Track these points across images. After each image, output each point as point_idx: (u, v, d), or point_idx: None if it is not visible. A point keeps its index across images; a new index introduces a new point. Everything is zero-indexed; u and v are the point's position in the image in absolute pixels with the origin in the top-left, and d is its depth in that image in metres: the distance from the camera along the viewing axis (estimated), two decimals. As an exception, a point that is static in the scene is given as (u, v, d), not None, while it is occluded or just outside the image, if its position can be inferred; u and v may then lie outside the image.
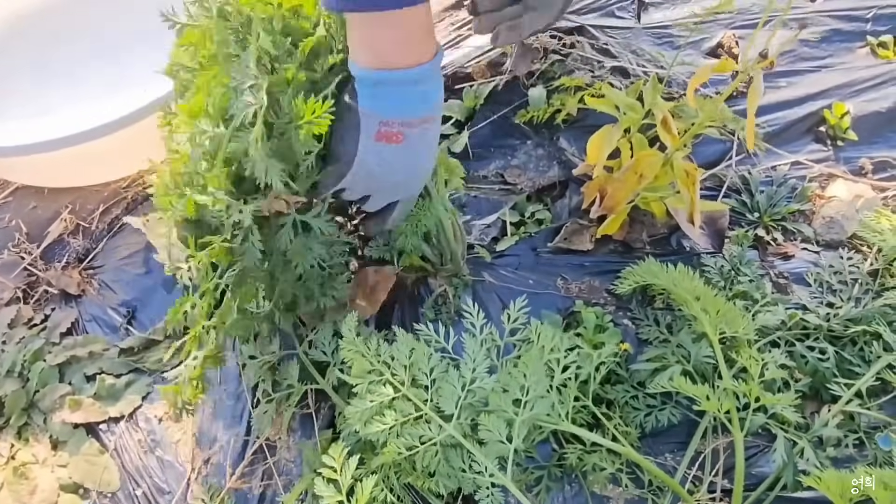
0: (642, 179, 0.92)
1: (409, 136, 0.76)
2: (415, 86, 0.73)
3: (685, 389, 0.80)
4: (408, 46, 0.72)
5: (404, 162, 0.79)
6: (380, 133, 0.75)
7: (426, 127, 0.77)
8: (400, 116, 0.74)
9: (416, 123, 0.75)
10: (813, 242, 1.07)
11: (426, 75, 0.73)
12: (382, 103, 0.74)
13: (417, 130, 0.76)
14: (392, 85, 0.73)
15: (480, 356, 0.80)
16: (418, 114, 0.75)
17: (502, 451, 0.75)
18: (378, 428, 0.75)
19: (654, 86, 0.94)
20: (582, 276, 1.04)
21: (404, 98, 0.74)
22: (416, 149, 0.78)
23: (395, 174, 0.80)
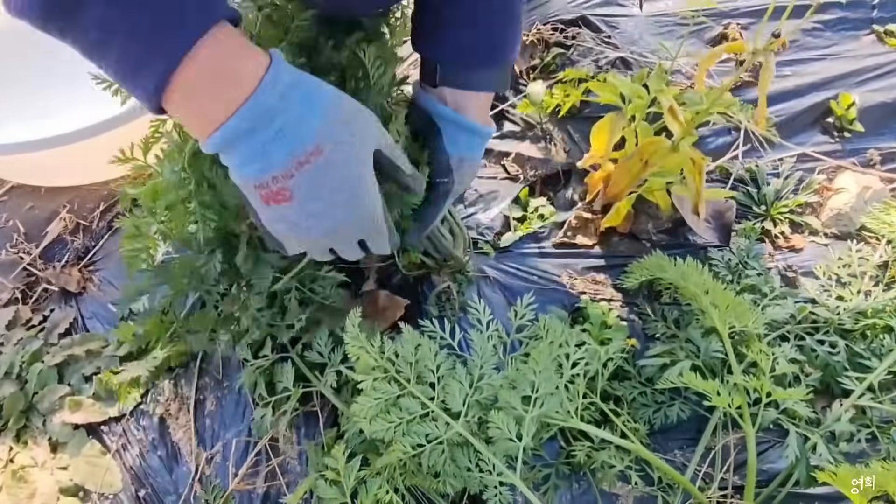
0: (648, 166, 0.91)
1: (294, 186, 0.60)
2: (257, 134, 0.57)
3: (695, 385, 0.79)
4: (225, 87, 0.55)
5: (313, 213, 0.63)
6: (263, 197, 0.61)
7: (309, 167, 0.59)
8: (265, 173, 0.59)
9: (292, 170, 0.59)
10: (821, 235, 1.05)
11: (263, 110, 0.56)
12: (240, 169, 0.59)
13: (298, 177, 0.59)
14: (229, 145, 0.57)
15: (488, 352, 0.78)
16: (285, 161, 0.58)
17: (511, 449, 0.73)
18: (383, 426, 0.74)
19: (659, 73, 0.92)
20: (587, 270, 1.03)
21: (255, 152, 0.57)
22: (313, 194, 0.61)
23: (318, 227, 0.64)
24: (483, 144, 0.86)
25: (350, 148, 0.62)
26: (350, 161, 0.63)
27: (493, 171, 1.13)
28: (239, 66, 0.55)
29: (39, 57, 1.41)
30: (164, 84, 0.52)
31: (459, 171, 0.84)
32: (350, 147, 0.62)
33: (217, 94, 0.55)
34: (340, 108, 0.62)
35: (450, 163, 0.83)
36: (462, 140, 0.82)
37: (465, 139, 0.82)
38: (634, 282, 0.97)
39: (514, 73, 1.25)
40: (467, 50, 0.78)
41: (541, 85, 1.19)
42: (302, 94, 0.59)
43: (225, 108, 0.55)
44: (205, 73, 0.53)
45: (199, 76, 0.53)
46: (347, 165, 0.62)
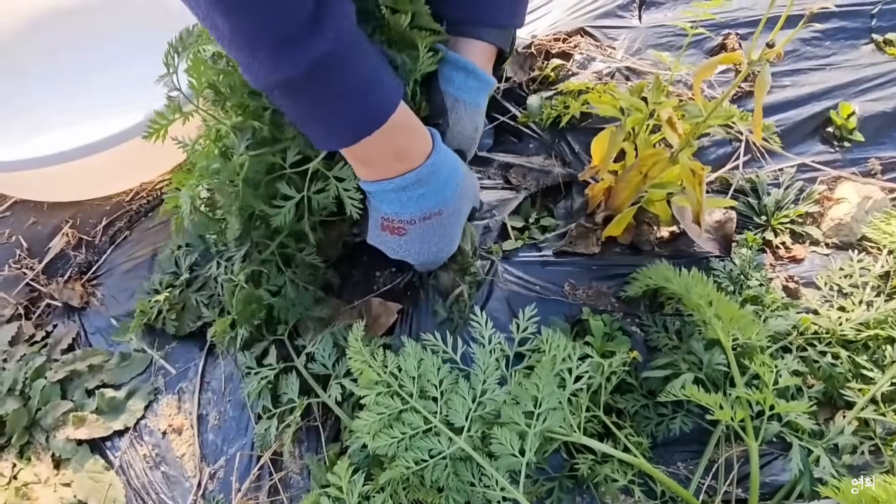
0: (647, 179, 0.91)
1: (412, 231, 0.81)
2: (406, 191, 0.77)
3: (698, 398, 0.79)
4: (398, 158, 0.75)
5: (409, 250, 0.84)
6: (383, 225, 0.82)
7: (428, 223, 0.81)
8: (396, 215, 0.80)
9: (417, 221, 0.80)
10: (822, 245, 1.05)
11: (416, 180, 0.76)
12: (377, 202, 0.80)
13: (418, 227, 0.81)
14: (384, 193, 0.78)
15: (491, 367, 0.78)
16: (415, 214, 0.79)
17: (514, 465, 0.73)
18: (386, 441, 0.74)
19: (657, 85, 0.92)
20: (589, 280, 1.03)
21: (398, 202, 0.78)
22: (419, 241, 0.83)
23: (405, 257, 0.86)
24: (482, 91, 0.87)
25: (458, 214, 0.85)
26: (455, 223, 0.85)
27: (494, 182, 1.13)
28: (410, 146, 0.75)
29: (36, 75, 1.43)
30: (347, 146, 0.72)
31: (454, 112, 0.86)
32: (459, 213, 0.85)
33: (389, 164, 0.75)
34: (464, 183, 0.83)
35: (444, 103, 0.85)
36: (458, 79, 0.84)
37: (460, 79, 0.84)
38: (637, 290, 0.97)
39: (514, 41, 1.24)
40: (474, 6, 0.83)
41: (539, 98, 1.19)
42: (446, 173, 0.79)
43: (391, 172, 0.76)
44: (384, 149, 0.73)
45: (379, 149, 0.73)
46: (452, 226, 0.85)
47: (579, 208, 1.11)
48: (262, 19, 0.59)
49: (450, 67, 0.84)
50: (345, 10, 0.65)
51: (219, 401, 1.00)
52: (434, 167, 0.77)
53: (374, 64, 0.69)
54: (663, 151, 0.91)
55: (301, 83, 0.64)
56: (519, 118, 1.19)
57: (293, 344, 0.95)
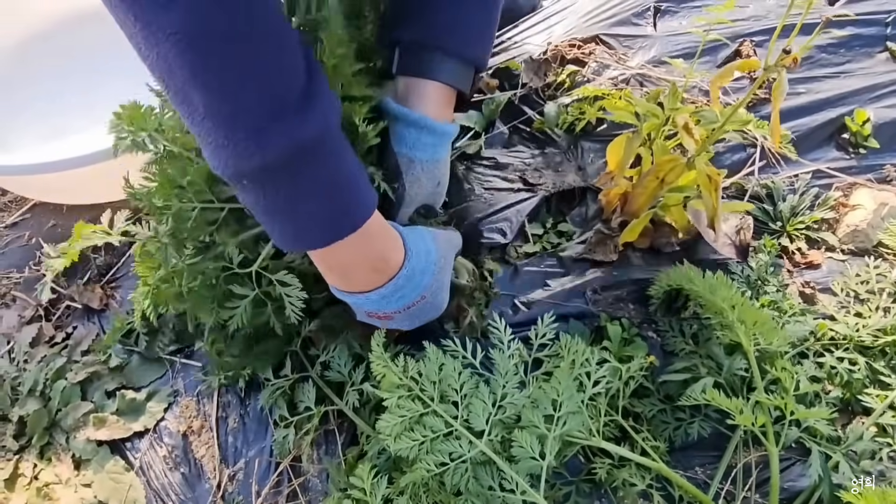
0: (664, 184, 0.91)
1: (399, 317, 0.79)
2: (385, 299, 0.74)
3: (719, 403, 0.79)
4: (375, 270, 0.72)
5: (400, 325, 0.83)
6: (369, 315, 0.79)
7: (414, 308, 0.78)
8: (379, 311, 0.77)
9: (401, 311, 0.78)
10: (838, 251, 1.06)
11: (394, 289, 0.74)
12: (357, 302, 0.76)
13: (404, 314, 0.78)
14: (368, 301, 0.75)
15: (511, 371, 0.79)
16: (396, 308, 0.77)
17: (534, 468, 0.74)
18: (408, 443, 0.75)
19: (673, 91, 0.93)
20: (607, 287, 1.03)
21: (376, 305, 0.75)
22: (408, 320, 0.81)
23: (400, 327, 0.84)
24: (439, 145, 0.81)
25: (442, 285, 0.81)
26: (441, 293, 0.81)
27: (509, 184, 1.13)
28: (387, 257, 0.71)
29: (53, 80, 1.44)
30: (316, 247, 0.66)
31: (411, 174, 0.80)
32: (442, 285, 0.81)
33: (367, 277, 0.71)
34: (443, 255, 0.80)
35: (398, 164, 0.80)
36: (410, 137, 0.78)
37: (413, 136, 0.78)
38: (659, 290, 0.97)
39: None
40: (430, 28, 0.76)
41: (555, 106, 1.20)
42: (422, 265, 0.75)
43: (368, 285, 0.72)
44: (360, 259, 0.69)
45: (354, 259, 0.69)
46: (438, 297, 0.81)
47: (594, 215, 1.11)
48: (250, 92, 0.53)
49: (401, 125, 0.78)
50: (331, 92, 0.60)
51: (238, 404, 1.00)
52: (411, 272, 0.74)
53: (353, 160, 0.64)
54: (680, 157, 0.91)
55: (279, 170, 0.57)
56: (535, 124, 1.19)
57: (306, 353, 0.96)
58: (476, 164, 1.17)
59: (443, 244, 0.82)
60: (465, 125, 1.20)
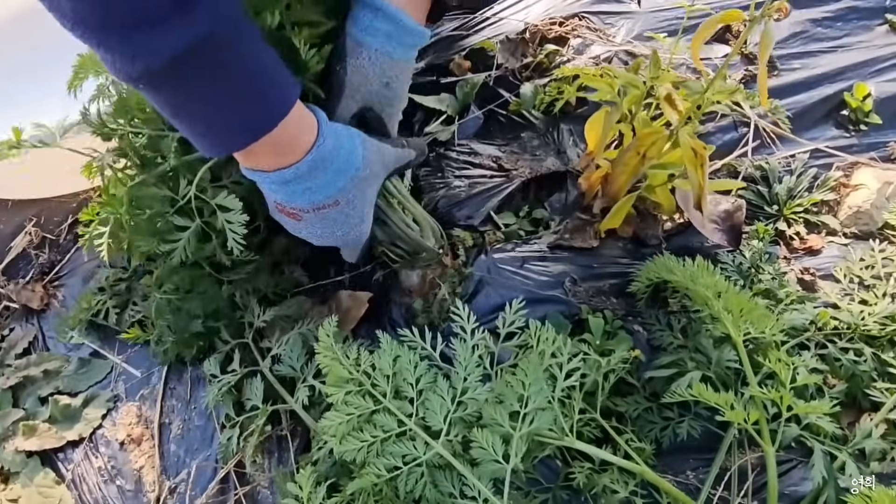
0: (646, 160, 0.83)
1: (306, 218, 0.73)
2: (289, 185, 0.69)
3: (706, 398, 0.70)
4: (277, 153, 0.66)
5: (310, 233, 0.76)
6: (276, 207, 0.74)
7: (324, 212, 0.72)
8: (286, 202, 0.71)
9: (310, 210, 0.72)
10: (840, 235, 0.97)
11: (296, 176, 0.68)
12: (265, 188, 0.71)
13: (313, 215, 0.73)
14: (269, 182, 0.69)
15: (472, 364, 0.70)
16: (305, 205, 0.71)
17: (498, 472, 0.65)
18: (355, 445, 0.66)
19: (655, 61, 0.85)
20: (589, 277, 0.94)
21: (283, 192, 0.70)
22: (318, 227, 0.75)
23: (309, 239, 0.78)
24: (396, 39, 0.73)
25: (362, 198, 0.75)
26: (358, 208, 0.75)
27: (483, 171, 1.05)
28: (293, 141, 0.66)
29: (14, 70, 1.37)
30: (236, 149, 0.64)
31: (355, 58, 0.73)
32: (362, 198, 0.75)
33: (267, 157, 0.66)
34: (367, 164, 0.73)
35: (345, 44, 0.73)
36: (363, 19, 0.72)
37: (367, 19, 0.71)
38: (641, 285, 0.88)
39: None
40: None
41: (532, 86, 1.12)
42: (337, 164, 0.70)
43: (269, 165, 0.67)
44: (269, 143, 0.63)
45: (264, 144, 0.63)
46: (355, 211, 0.75)
47: (574, 201, 1.03)
48: None
49: (359, 5, 0.72)
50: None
51: (183, 408, 0.92)
52: (316, 162, 0.68)
53: (263, 55, 0.60)
54: (662, 129, 0.83)
55: (168, 75, 0.54)
56: (511, 106, 1.11)
57: (258, 347, 0.87)
58: (449, 150, 1.09)
59: (373, 153, 0.75)
60: (437, 109, 1.12)
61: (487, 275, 0.93)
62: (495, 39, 1.18)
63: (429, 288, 0.89)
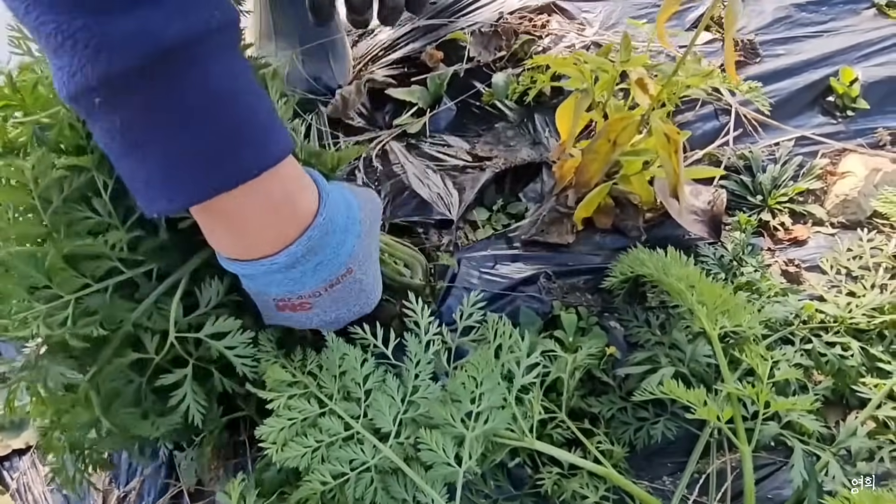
0: (616, 146, 0.79)
1: (318, 302, 0.62)
2: (296, 268, 0.57)
3: (677, 394, 0.66)
4: (276, 225, 0.54)
5: (324, 320, 0.65)
6: (279, 307, 0.62)
7: (338, 287, 0.61)
8: (294, 294, 0.60)
9: (322, 291, 0.61)
10: (827, 224, 0.92)
11: (308, 249, 0.56)
12: (265, 288, 0.59)
13: (326, 296, 0.62)
14: (264, 275, 0.57)
15: (424, 360, 0.66)
16: (318, 284, 0.59)
17: (451, 476, 0.60)
18: (297, 451, 0.61)
19: (626, 44, 0.81)
20: (564, 273, 0.90)
21: (289, 282, 0.58)
22: (333, 307, 0.63)
23: (322, 325, 0.66)
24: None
25: (371, 259, 0.65)
26: (371, 268, 0.65)
27: (456, 161, 1.01)
28: (295, 201, 0.54)
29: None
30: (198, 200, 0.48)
31: None
32: (371, 259, 0.65)
33: (265, 227, 0.53)
34: (368, 217, 0.64)
35: None
36: None
37: None
38: (615, 280, 0.84)
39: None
40: None
41: (504, 75, 1.08)
42: (343, 221, 0.59)
43: (269, 241, 0.54)
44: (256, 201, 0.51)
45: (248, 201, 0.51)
46: (369, 273, 0.64)
47: (550, 192, 0.98)
48: None
49: None
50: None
51: (139, 413, 0.87)
52: (328, 223, 0.57)
53: (256, 88, 0.50)
54: (633, 114, 0.79)
55: (136, 82, 0.43)
56: (483, 96, 1.07)
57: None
58: (421, 143, 1.05)
59: (365, 202, 0.66)
60: (408, 101, 1.09)
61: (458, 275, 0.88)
62: (468, 31, 1.14)
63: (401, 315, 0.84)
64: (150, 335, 0.61)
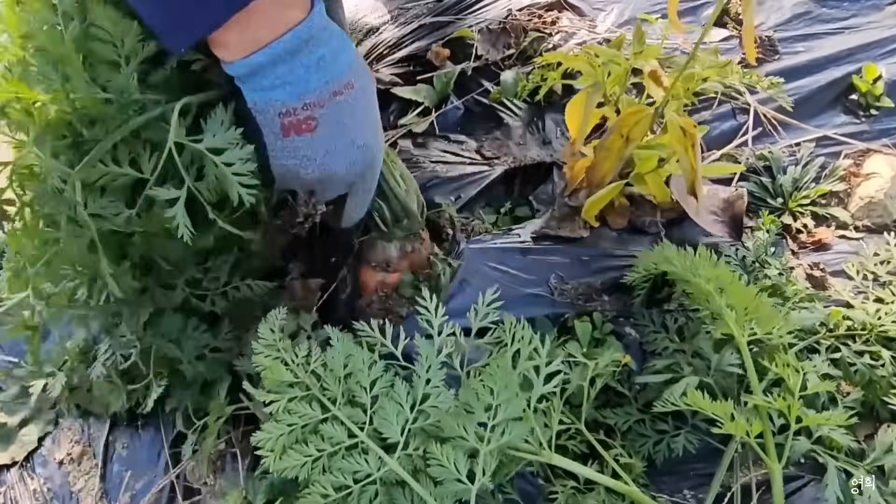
0: (630, 142, 0.75)
1: (323, 117, 0.60)
2: (299, 55, 0.57)
3: (702, 407, 0.61)
4: (272, 11, 0.55)
5: (329, 149, 0.63)
6: (284, 127, 0.60)
7: (341, 99, 0.61)
8: (298, 99, 0.59)
9: (325, 99, 0.60)
10: (851, 228, 0.89)
11: (309, 36, 0.57)
12: (270, 93, 0.59)
13: (330, 107, 0.60)
14: (270, 65, 0.57)
15: (436, 365, 0.62)
16: (321, 88, 0.59)
17: (462, 493, 0.56)
18: (296, 461, 0.57)
19: (639, 36, 0.77)
20: (577, 273, 0.85)
21: (293, 75, 0.58)
22: (338, 129, 0.62)
23: (328, 168, 0.64)
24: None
25: (371, 89, 0.65)
26: (371, 101, 0.66)
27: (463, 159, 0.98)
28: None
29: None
30: None
31: None
32: (371, 88, 0.65)
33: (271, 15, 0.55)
34: (358, 53, 0.65)
35: None
36: None
37: None
38: (637, 277, 0.79)
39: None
40: None
41: (513, 73, 1.04)
42: (339, 32, 0.61)
43: (273, 30, 0.56)
44: None
45: None
46: (371, 105, 0.65)
47: (561, 193, 0.94)
48: None
49: None
50: None
51: (131, 422, 0.83)
52: (324, 20, 0.58)
53: None
54: (646, 108, 0.75)
55: None
56: (492, 94, 1.04)
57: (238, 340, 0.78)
58: (427, 142, 1.01)
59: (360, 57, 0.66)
60: (416, 100, 1.05)
61: (465, 271, 0.84)
62: (475, 28, 1.11)
63: (408, 264, 0.80)
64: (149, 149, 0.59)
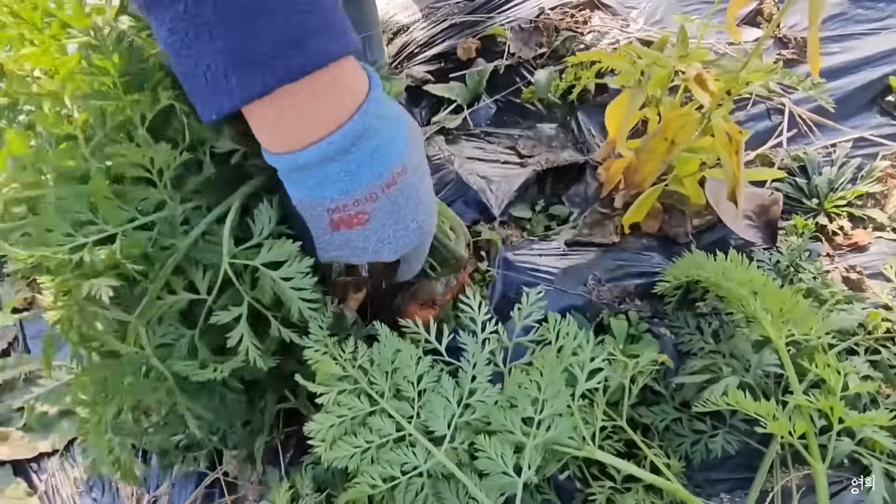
0: (675, 146, 0.75)
1: (375, 209, 0.56)
2: (352, 153, 0.52)
3: (745, 407, 0.61)
4: (323, 110, 0.51)
5: (381, 238, 0.58)
6: (333, 222, 0.57)
7: (394, 189, 0.56)
8: (349, 196, 0.54)
9: (378, 192, 0.55)
10: (888, 230, 0.88)
11: (361, 131, 0.52)
12: (317, 191, 0.54)
13: (383, 200, 0.56)
14: (318, 165, 0.52)
15: (482, 360, 0.62)
16: (373, 182, 0.54)
17: (508, 486, 0.56)
18: (347, 451, 0.58)
19: (683, 38, 0.77)
20: (612, 276, 0.86)
21: (346, 172, 0.53)
22: (391, 219, 0.57)
23: (380, 254, 0.60)
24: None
25: (423, 167, 0.60)
26: (424, 177, 0.60)
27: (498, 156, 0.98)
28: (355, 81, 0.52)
29: None
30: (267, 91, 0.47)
31: None
32: (423, 166, 0.60)
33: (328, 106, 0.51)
34: (413, 125, 0.60)
35: None
36: None
37: None
38: (668, 286, 0.80)
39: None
40: None
41: (547, 72, 1.04)
42: (394, 112, 0.56)
43: (326, 124, 0.51)
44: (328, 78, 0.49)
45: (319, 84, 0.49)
46: (423, 181, 0.60)
47: (595, 194, 0.95)
48: None
49: None
50: None
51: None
52: (380, 107, 0.53)
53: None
54: (693, 112, 0.75)
55: None
56: (524, 93, 1.04)
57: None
58: (460, 139, 1.02)
59: (413, 128, 0.60)
60: (448, 97, 1.06)
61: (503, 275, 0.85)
62: (507, 26, 1.11)
63: (452, 295, 0.80)
64: (201, 270, 0.56)
